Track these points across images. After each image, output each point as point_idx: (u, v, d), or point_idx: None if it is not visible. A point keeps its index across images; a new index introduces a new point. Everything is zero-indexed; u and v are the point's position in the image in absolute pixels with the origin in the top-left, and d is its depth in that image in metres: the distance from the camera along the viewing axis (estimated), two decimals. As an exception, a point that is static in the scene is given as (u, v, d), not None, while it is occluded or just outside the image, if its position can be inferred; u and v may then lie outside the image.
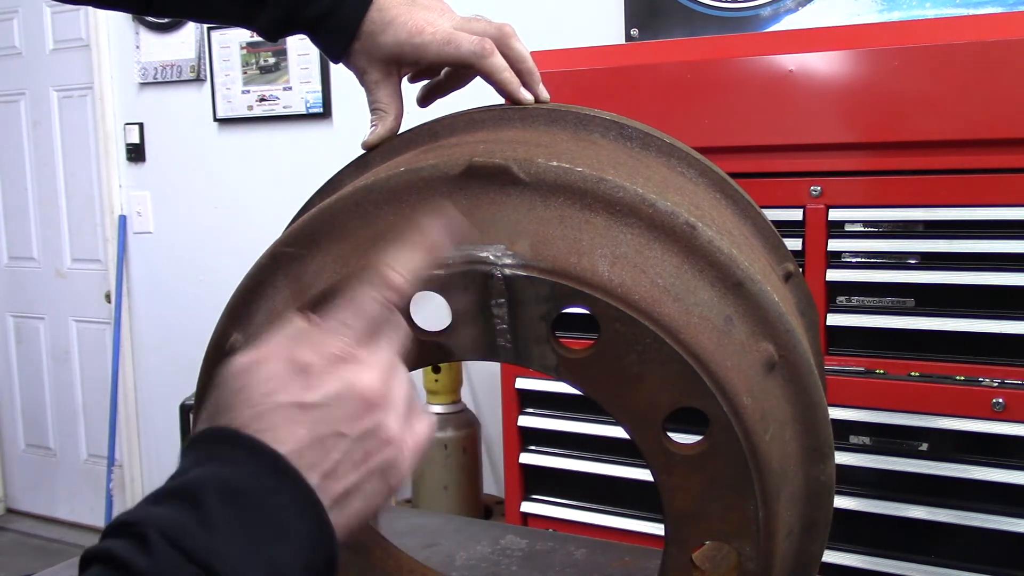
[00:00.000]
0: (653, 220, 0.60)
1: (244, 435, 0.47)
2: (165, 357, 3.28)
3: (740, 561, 0.62)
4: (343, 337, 0.51)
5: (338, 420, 0.49)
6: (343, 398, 0.49)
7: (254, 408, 0.48)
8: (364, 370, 0.50)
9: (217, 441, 0.47)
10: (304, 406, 0.48)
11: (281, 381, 0.49)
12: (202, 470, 0.46)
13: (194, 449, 0.48)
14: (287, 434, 0.47)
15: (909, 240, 1.51)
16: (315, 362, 0.49)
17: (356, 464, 0.49)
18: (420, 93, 0.82)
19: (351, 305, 0.52)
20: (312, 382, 0.49)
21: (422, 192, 0.63)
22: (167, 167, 3.21)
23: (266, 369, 0.49)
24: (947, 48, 1.43)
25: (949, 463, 1.48)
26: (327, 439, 0.48)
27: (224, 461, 0.46)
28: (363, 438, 0.49)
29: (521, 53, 0.76)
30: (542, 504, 1.83)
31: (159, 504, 0.44)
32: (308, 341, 0.50)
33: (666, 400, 0.60)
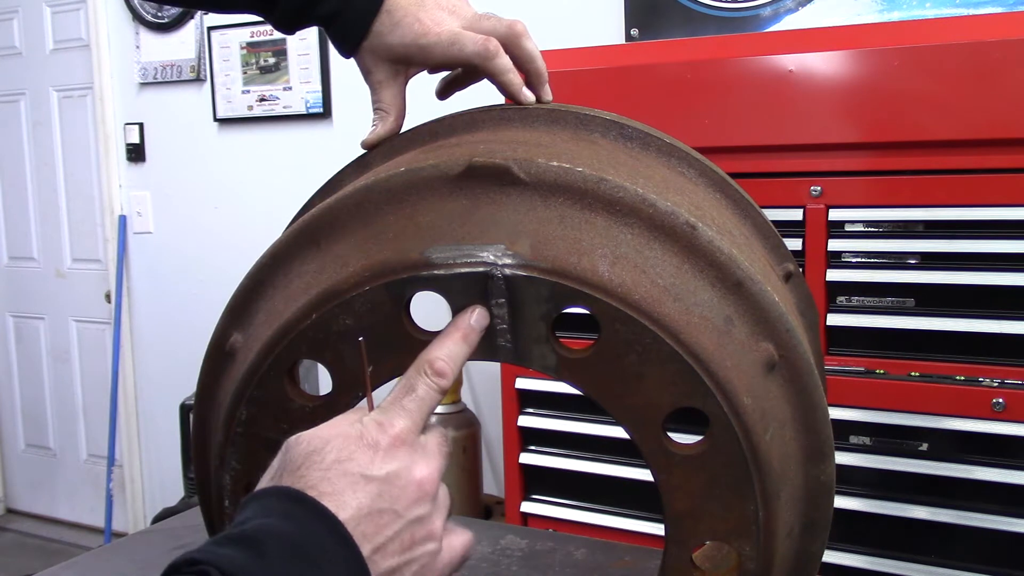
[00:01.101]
0: (653, 220, 0.60)
1: (309, 497, 0.50)
2: (165, 357, 3.28)
3: (740, 561, 0.62)
4: (405, 422, 0.55)
5: (396, 499, 0.52)
6: (403, 480, 0.53)
7: (323, 470, 0.51)
8: (421, 460, 0.54)
9: (282, 497, 0.50)
10: (369, 478, 0.51)
11: (350, 452, 0.52)
12: (266, 521, 0.48)
13: (258, 501, 0.50)
14: (351, 499, 0.50)
15: (909, 240, 1.51)
16: (382, 440, 0.53)
17: (403, 547, 0.52)
18: (439, 86, 0.82)
19: (410, 392, 0.57)
20: (378, 457, 0.52)
21: (422, 192, 0.63)
22: (167, 167, 3.21)
23: (338, 439, 0.53)
24: (947, 48, 1.43)
25: (949, 463, 1.48)
26: (384, 514, 0.51)
27: (288, 517, 0.48)
28: (413, 523, 0.53)
29: (531, 53, 0.76)
30: (542, 504, 1.83)
31: (223, 547, 0.46)
32: (376, 421, 0.54)
33: (666, 400, 0.60)
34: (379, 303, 0.61)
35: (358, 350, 0.60)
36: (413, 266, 0.60)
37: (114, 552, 1.08)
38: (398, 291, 0.61)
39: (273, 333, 0.64)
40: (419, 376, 0.57)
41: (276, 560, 0.46)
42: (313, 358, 0.63)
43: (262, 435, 0.65)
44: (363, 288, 0.61)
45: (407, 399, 0.56)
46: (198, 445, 0.74)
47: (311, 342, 0.63)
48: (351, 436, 0.53)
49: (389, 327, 0.61)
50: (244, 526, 0.48)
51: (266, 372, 0.64)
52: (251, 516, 0.49)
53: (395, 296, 0.61)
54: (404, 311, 0.62)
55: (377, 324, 0.61)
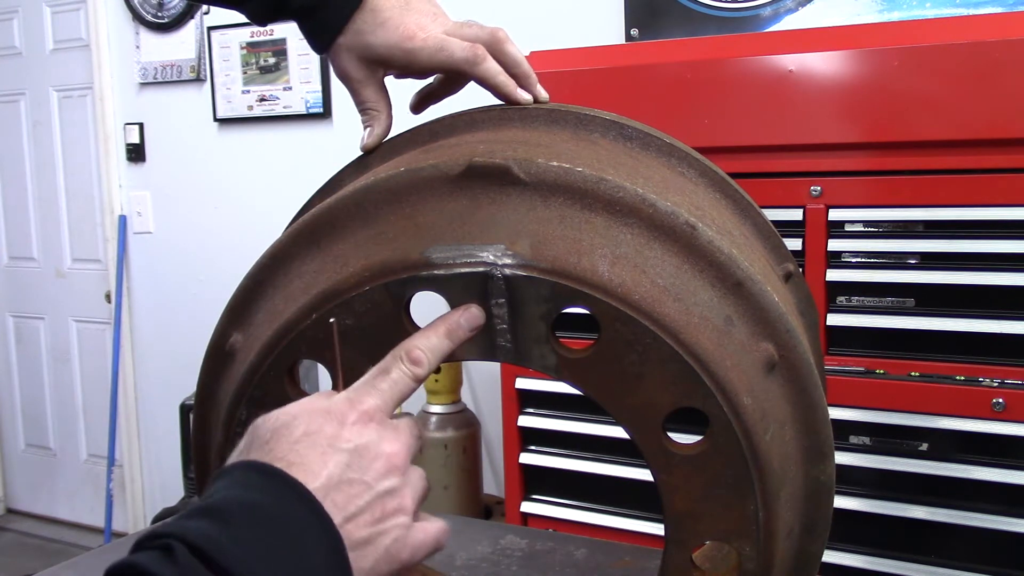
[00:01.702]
0: (653, 220, 0.60)
1: (276, 468, 0.49)
2: (165, 357, 3.28)
3: (740, 561, 0.62)
4: (376, 400, 0.55)
5: (365, 469, 0.52)
6: (372, 452, 0.53)
7: (290, 442, 0.51)
8: (391, 435, 0.54)
9: (248, 470, 0.50)
10: (338, 448, 0.51)
11: (319, 424, 0.52)
12: (232, 492, 0.48)
13: (225, 476, 0.50)
14: (319, 467, 0.50)
15: (909, 240, 1.51)
16: (350, 415, 0.53)
17: (375, 518, 0.52)
18: (413, 100, 0.81)
19: (383, 374, 0.57)
20: (346, 430, 0.52)
21: (422, 192, 0.63)
22: (167, 167, 3.21)
23: (305, 415, 0.53)
24: (947, 48, 1.43)
25: (949, 463, 1.48)
26: (354, 484, 0.51)
27: (254, 488, 0.48)
28: (384, 496, 0.52)
29: (515, 57, 0.76)
30: (542, 504, 1.83)
31: (189, 519, 0.46)
32: (345, 397, 0.55)
33: (666, 400, 0.60)
34: (379, 303, 0.61)
35: (330, 332, 0.61)
36: (413, 266, 0.60)
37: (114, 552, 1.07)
38: (398, 291, 0.61)
39: (273, 333, 0.64)
40: (395, 361, 0.57)
41: (243, 528, 0.45)
42: (313, 358, 0.63)
43: (262, 435, 0.65)
44: (363, 288, 0.61)
45: (379, 379, 0.56)
46: (198, 445, 0.74)
47: (311, 342, 0.63)
48: (319, 410, 0.53)
49: (389, 327, 0.61)
50: (210, 499, 0.47)
51: (266, 372, 0.64)
52: (218, 489, 0.48)
53: (395, 296, 0.61)
54: (404, 311, 0.62)
55: (377, 324, 0.61)
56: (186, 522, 0.45)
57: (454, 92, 0.80)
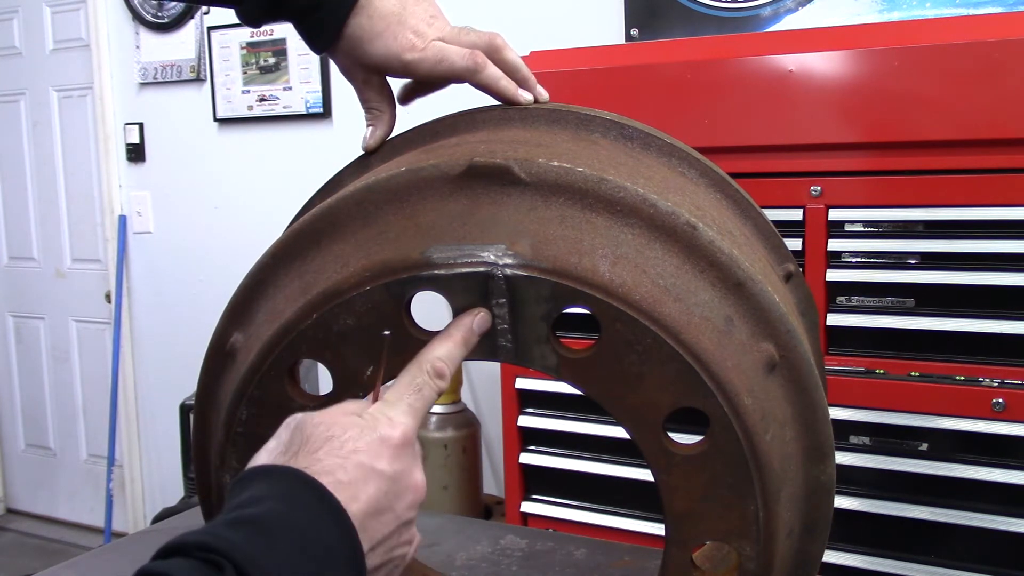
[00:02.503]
0: (654, 220, 0.60)
1: (325, 488, 0.50)
2: (165, 357, 3.28)
3: (740, 561, 0.62)
4: (412, 421, 0.56)
5: (397, 498, 0.53)
6: (405, 481, 0.54)
7: (341, 458, 0.51)
8: (417, 464, 0.55)
9: (297, 482, 0.50)
10: (380, 473, 0.52)
11: (367, 443, 0.53)
12: (277, 506, 0.48)
13: (272, 480, 0.50)
14: (362, 493, 0.51)
15: (909, 240, 1.51)
16: (394, 437, 0.54)
17: (389, 548, 0.53)
18: (401, 93, 0.81)
19: (417, 392, 0.57)
20: (387, 454, 0.53)
21: (423, 192, 0.63)
22: (167, 167, 3.21)
23: (353, 429, 0.53)
24: (947, 48, 1.43)
25: (949, 463, 1.48)
26: (385, 512, 0.52)
27: (302, 506, 0.49)
28: (403, 526, 0.54)
29: (513, 63, 0.75)
30: (542, 504, 1.83)
31: (235, 531, 0.46)
32: (387, 416, 0.55)
33: (666, 400, 0.60)
34: (380, 303, 0.61)
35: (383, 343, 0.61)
36: (414, 266, 0.60)
37: (114, 552, 1.07)
38: (399, 291, 0.61)
39: (273, 333, 0.64)
40: (422, 375, 0.58)
41: (285, 552, 0.46)
42: (313, 358, 0.63)
43: (262, 435, 0.65)
44: (364, 288, 0.61)
45: (414, 398, 0.57)
46: (198, 445, 0.74)
47: (312, 342, 0.63)
48: (366, 427, 0.53)
49: (389, 327, 0.61)
50: (257, 508, 0.48)
51: (266, 372, 0.64)
52: (263, 495, 0.49)
53: (396, 296, 0.61)
54: (404, 311, 0.62)
55: (377, 324, 0.61)
56: (235, 536, 0.46)
57: (443, 87, 0.79)
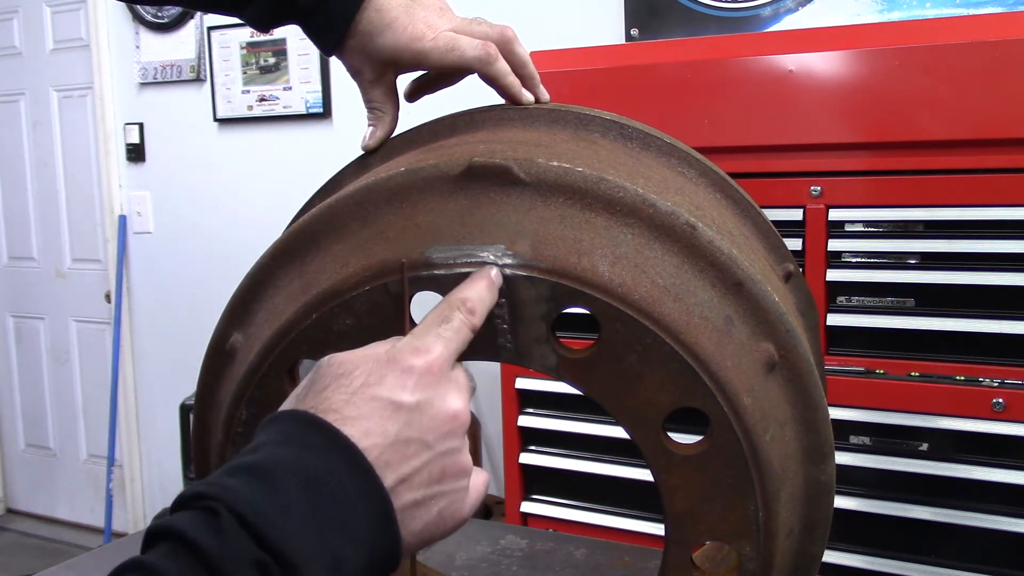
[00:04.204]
0: (653, 220, 0.60)
1: (328, 423, 0.47)
2: (165, 357, 3.28)
3: (740, 561, 0.62)
4: (441, 348, 0.52)
5: (426, 429, 0.50)
6: (435, 409, 0.50)
7: (349, 393, 0.49)
8: (456, 390, 0.52)
9: (300, 422, 0.48)
10: (398, 405, 0.49)
11: (381, 376, 0.50)
12: (281, 451, 0.46)
13: (277, 425, 0.48)
14: (376, 427, 0.48)
15: (909, 240, 1.51)
16: (416, 365, 0.50)
17: (431, 479, 0.50)
18: (408, 88, 0.80)
19: (446, 322, 0.54)
20: (410, 383, 0.50)
21: (422, 192, 0.63)
22: (167, 167, 3.21)
23: (368, 362, 0.50)
24: (947, 48, 1.43)
25: (949, 463, 1.48)
26: (411, 443, 0.49)
27: (305, 446, 0.46)
28: (444, 455, 0.50)
29: (522, 58, 0.75)
30: (542, 504, 1.83)
31: (233, 477, 0.44)
32: (410, 344, 0.52)
33: (666, 400, 0.60)
34: (379, 303, 0.61)
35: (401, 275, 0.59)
36: (413, 266, 0.60)
37: (114, 552, 1.08)
38: (398, 291, 0.61)
39: (273, 333, 0.64)
40: (453, 310, 0.55)
41: (291, 493, 0.44)
42: (313, 358, 0.63)
43: (262, 435, 0.65)
44: (363, 288, 0.61)
45: (443, 327, 0.54)
46: (198, 445, 0.74)
47: (311, 342, 0.63)
48: (382, 359, 0.51)
49: (389, 327, 0.61)
50: (258, 454, 0.46)
51: (266, 372, 0.64)
52: (267, 441, 0.47)
53: (395, 296, 0.61)
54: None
55: (377, 324, 0.61)
56: (232, 482, 0.44)
57: (451, 84, 0.79)
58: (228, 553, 0.41)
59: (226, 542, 0.41)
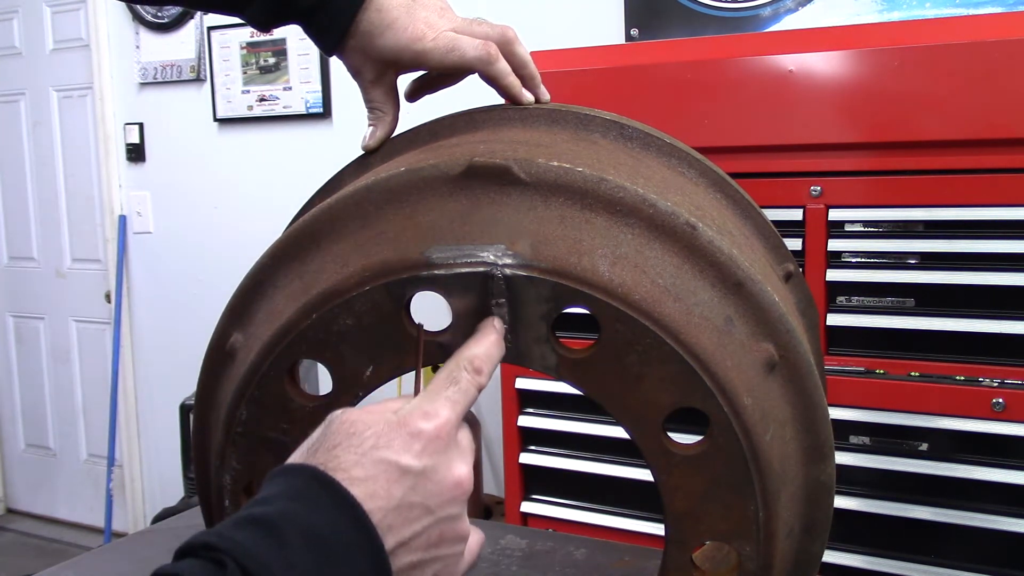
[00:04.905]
0: (654, 220, 0.60)
1: (337, 482, 0.49)
2: (165, 357, 3.28)
3: (740, 561, 0.62)
4: (449, 413, 0.53)
5: (430, 494, 0.51)
6: (440, 475, 0.51)
7: (359, 454, 0.50)
8: (460, 457, 0.53)
9: (309, 478, 0.49)
10: (405, 469, 0.50)
11: (390, 438, 0.51)
12: (289, 505, 0.47)
13: (286, 478, 0.49)
14: (382, 489, 0.49)
15: (909, 240, 1.51)
16: (425, 430, 0.52)
17: (429, 544, 0.51)
18: (409, 88, 0.80)
19: (453, 384, 0.55)
20: (417, 448, 0.51)
21: (422, 192, 0.63)
22: (167, 167, 3.21)
23: (379, 424, 0.51)
24: (947, 48, 1.43)
25: (949, 463, 1.48)
26: (415, 508, 0.50)
27: (312, 503, 0.48)
28: (444, 521, 0.52)
29: (523, 58, 0.75)
30: (542, 504, 1.83)
31: (242, 529, 0.46)
32: (420, 408, 0.53)
33: (666, 400, 0.60)
34: (379, 303, 0.61)
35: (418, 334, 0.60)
36: (413, 266, 0.60)
37: (114, 552, 1.07)
38: (398, 291, 0.61)
39: (273, 333, 0.64)
40: (460, 370, 0.56)
41: (296, 549, 0.45)
42: (313, 358, 0.63)
43: (262, 435, 0.65)
44: (363, 288, 0.61)
45: (451, 390, 0.55)
46: (198, 445, 0.74)
47: (311, 342, 0.63)
48: (393, 423, 0.52)
49: (389, 327, 0.61)
50: (267, 507, 0.47)
51: (266, 372, 0.64)
52: (275, 494, 0.48)
53: (395, 296, 0.61)
54: (404, 311, 0.62)
55: (377, 324, 0.61)
56: (240, 535, 0.45)
57: (452, 84, 0.79)
58: None
59: None
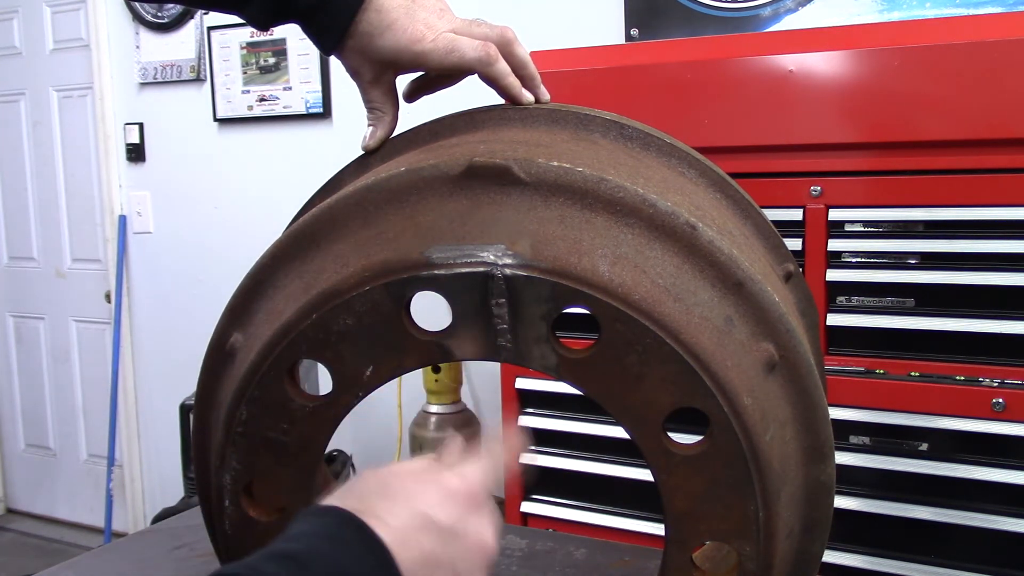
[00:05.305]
0: (654, 220, 0.60)
1: (368, 527, 0.49)
2: (165, 357, 3.28)
3: (740, 561, 0.62)
4: (483, 480, 0.56)
5: (458, 555, 0.52)
6: (469, 539, 0.53)
7: (392, 503, 0.51)
8: (488, 524, 0.55)
9: (341, 520, 0.50)
10: (437, 525, 0.51)
11: (425, 494, 0.52)
12: (320, 544, 0.48)
13: (317, 518, 0.50)
14: (413, 541, 0.50)
15: (909, 240, 1.51)
16: (460, 492, 0.54)
17: None
18: (408, 88, 0.80)
19: (490, 457, 0.58)
20: (451, 509, 0.52)
21: (422, 192, 0.63)
22: (167, 167, 3.21)
23: (417, 480, 0.53)
24: (947, 48, 1.43)
25: (949, 463, 1.48)
26: (441, 565, 0.51)
27: (342, 543, 0.48)
28: None
29: (523, 59, 0.75)
30: (542, 504, 1.83)
31: (273, 563, 0.46)
32: (459, 473, 0.55)
33: (666, 400, 0.60)
34: (379, 303, 0.61)
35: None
36: (413, 266, 0.60)
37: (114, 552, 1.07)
38: (398, 291, 0.61)
39: (273, 333, 0.64)
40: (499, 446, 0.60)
41: None
42: (313, 358, 0.63)
43: (262, 435, 0.65)
44: (363, 288, 0.61)
45: (486, 462, 0.58)
46: (198, 445, 0.74)
47: (311, 342, 0.63)
48: (428, 479, 0.53)
49: (389, 327, 0.61)
50: (297, 544, 0.47)
51: (266, 372, 0.64)
52: (306, 531, 0.48)
53: (395, 296, 0.61)
54: (404, 311, 0.62)
55: (377, 324, 0.61)
56: (270, 568, 0.45)
57: (451, 85, 0.79)
58: None
59: None
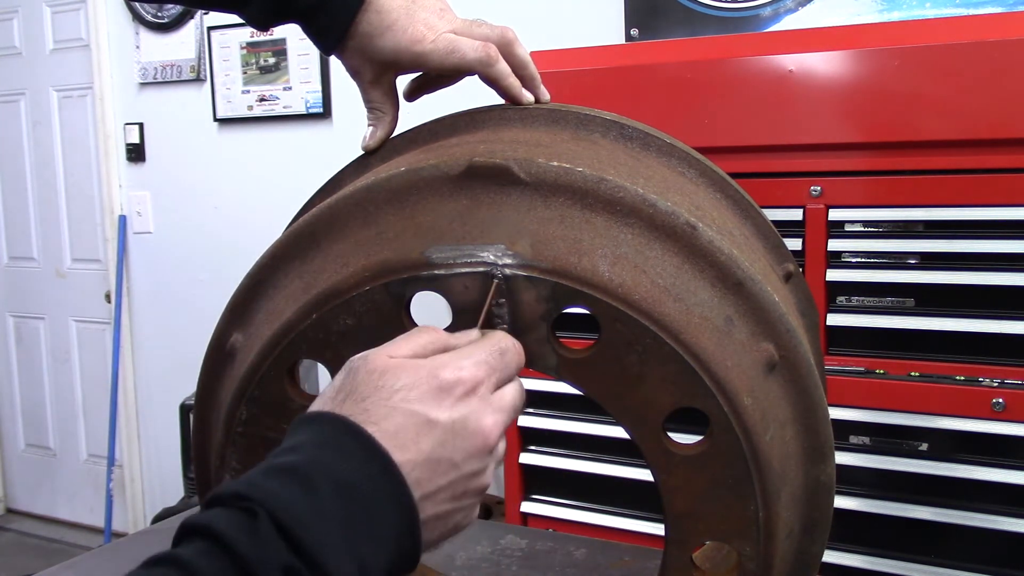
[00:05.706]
0: (654, 220, 0.60)
1: (368, 434, 0.48)
2: (165, 357, 3.28)
3: (740, 561, 0.62)
4: (483, 370, 0.53)
5: (456, 448, 0.51)
6: (469, 431, 0.51)
7: (388, 405, 0.50)
8: (491, 412, 0.53)
9: (339, 428, 0.49)
10: (433, 423, 0.50)
11: (420, 390, 0.51)
12: (320, 453, 0.47)
13: (314, 427, 0.49)
14: (410, 443, 0.49)
15: (909, 240, 1.51)
16: (456, 385, 0.52)
17: (453, 497, 0.52)
18: (408, 88, 0.81)
19: (492, 344, 0.55)
20: (447, 402, 0.51)
21: (422, 192, 0.63)
22: (167, 167, 3.21)
23: (409, 373, 0.51)
24: (947, 48, 1.43)
25: (949, 463, 1.48)
26: (442, 463, 0.51)
27: (343, 452, 0.48)
28: (469, 477, 0.52)
29: (523, 59, 0.75)
30: (542, 504, 1.83)
31: (272, 479, 0.45)
32: (453, 362, 0.53)
33: (666, 400, 0.60)
34: (379, 303, 0.61)
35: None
36: (413, 266, 0.60)
37: (114, 552, 1.07)
38: (398, 291, 0.61)
39: (273, 333, 0.64)
40: (508, 342, 0.56)
41: (326, 500, 0.45)
42: (313, 358, 0.63)
43: (262, 435, 0.65)
44: (363, 288, 0.61)
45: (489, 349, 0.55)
46: (198, 445, 0.74)
47: (311, 342, 0.63)
48: (425, 374, 0.51)
49: (389, 327, 0.61)
50: (296, 456, 0.47)
51: (266, 372, 0.64)
52: (304, 442, 0.48)
53: (395, 296, 0.61)
54: (404, 311, 0.62)
55: (377, 324, 0.61)
56: (272, 484, 0.45)
57: (451, 84, 0.79)
58: (261, 557, 0.42)
59: (261, 546, 0.42)
